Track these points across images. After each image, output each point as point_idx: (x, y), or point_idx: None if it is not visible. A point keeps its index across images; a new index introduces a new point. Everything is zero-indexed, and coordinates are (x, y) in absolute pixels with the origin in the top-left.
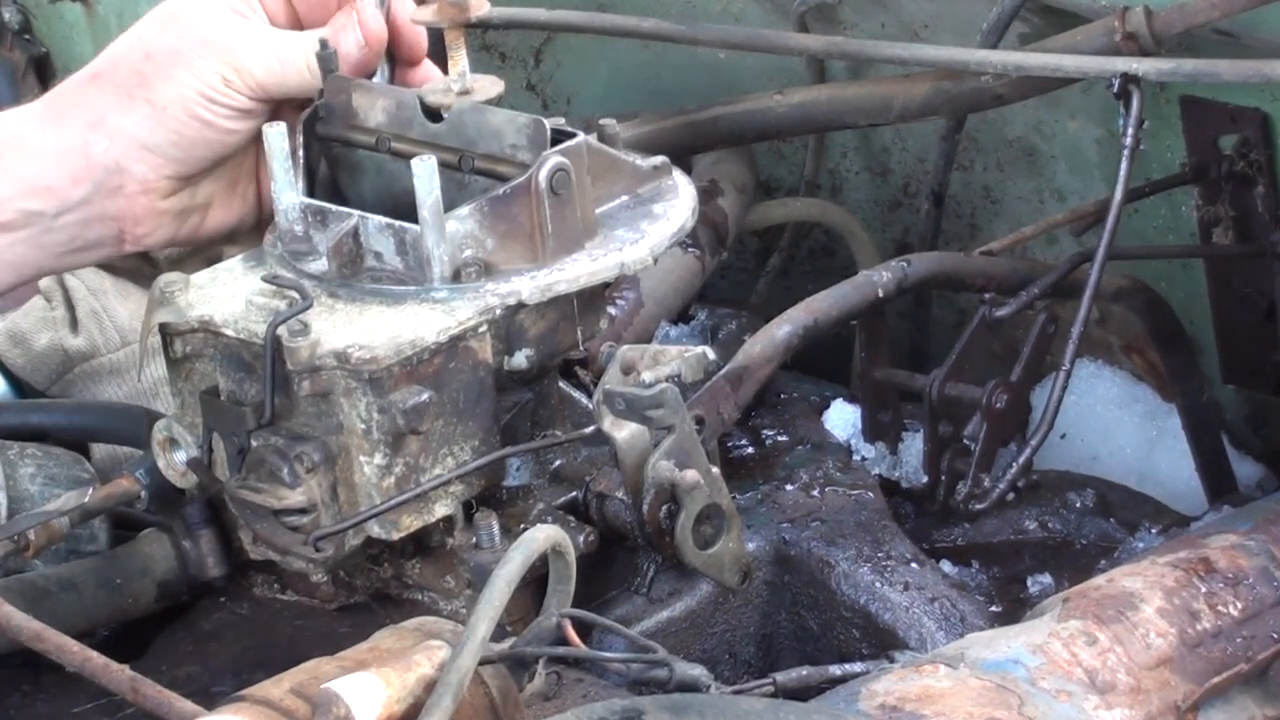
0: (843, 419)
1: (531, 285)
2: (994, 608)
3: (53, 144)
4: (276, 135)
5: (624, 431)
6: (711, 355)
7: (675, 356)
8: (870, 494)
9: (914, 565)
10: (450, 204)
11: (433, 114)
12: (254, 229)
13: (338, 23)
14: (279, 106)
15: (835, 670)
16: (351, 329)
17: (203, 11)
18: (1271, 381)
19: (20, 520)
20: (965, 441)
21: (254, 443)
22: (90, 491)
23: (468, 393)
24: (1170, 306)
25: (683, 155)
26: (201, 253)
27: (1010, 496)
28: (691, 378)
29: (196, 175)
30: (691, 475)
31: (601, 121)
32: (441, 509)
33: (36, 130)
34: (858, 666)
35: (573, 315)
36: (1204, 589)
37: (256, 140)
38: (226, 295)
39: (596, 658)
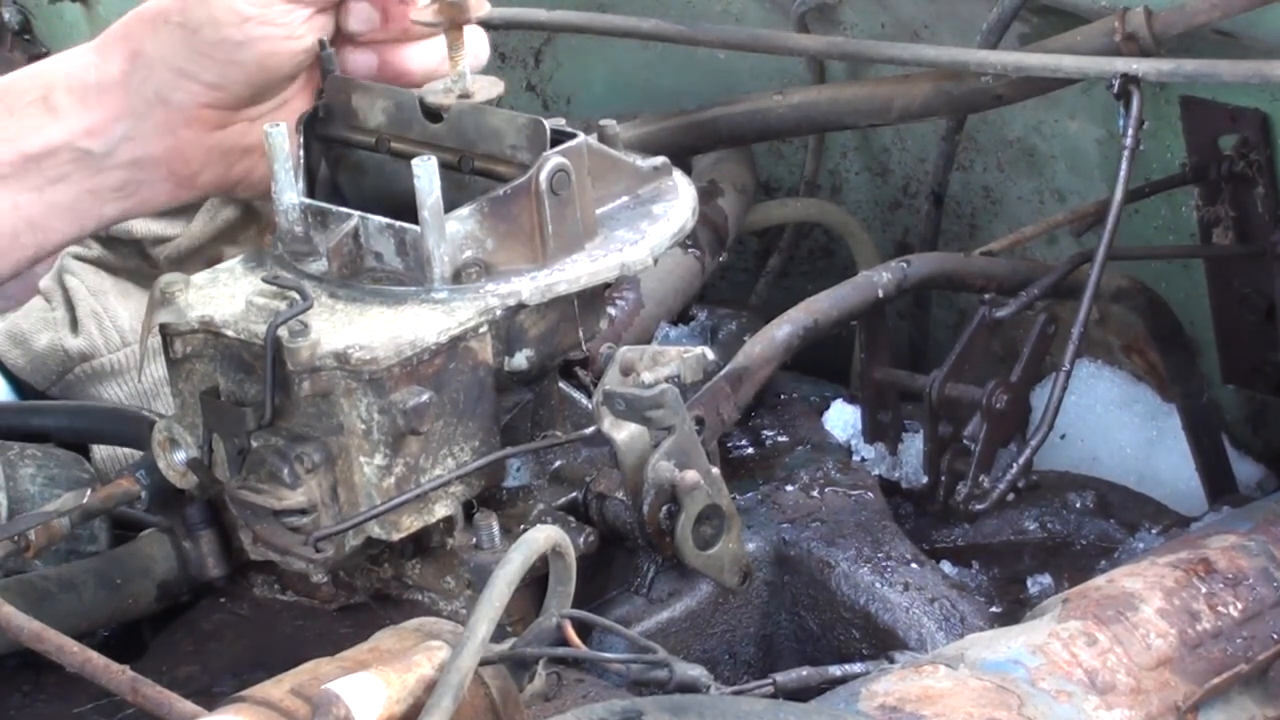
0: (843, 419)
1: (532, 286)
2: (994, 608)
3: (95, 80)
4: (277, 135)
5: (624, 432)
6: (711, 356)
7: (675, 357)
8: (870, 494)
9: (914, 566)
10: (450, 204)
11: (432, 114)
12: None
13: None
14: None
15: (835, 671)
16: (352, 329)
17: None
18: (1271, 381)
19: (20, 520)
20: (965, 442)
21: (254, 443)
22: (90, 492)
23: (468, 393)
24: (1170, 306)
25: (683, 156)
26: (201, 253)
27: (1010, 497)
28: (691, 378)
29: (243, 108)
30: (691, 476)
31: (601, 122)
32: (441, 509)
33: (82, 69)
34: (858, 667)
35: (573, 316)
36: (1204, 589)
37: (308, 79)
38: (227, 296)
39: (596, 658)
